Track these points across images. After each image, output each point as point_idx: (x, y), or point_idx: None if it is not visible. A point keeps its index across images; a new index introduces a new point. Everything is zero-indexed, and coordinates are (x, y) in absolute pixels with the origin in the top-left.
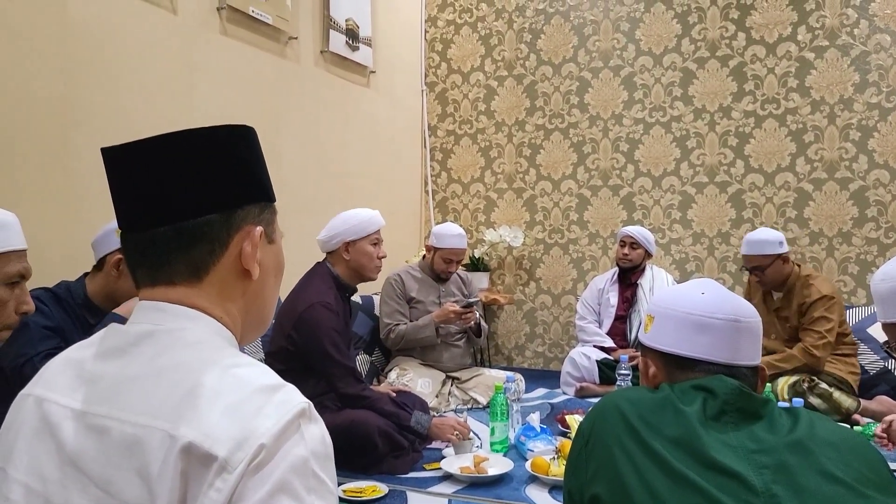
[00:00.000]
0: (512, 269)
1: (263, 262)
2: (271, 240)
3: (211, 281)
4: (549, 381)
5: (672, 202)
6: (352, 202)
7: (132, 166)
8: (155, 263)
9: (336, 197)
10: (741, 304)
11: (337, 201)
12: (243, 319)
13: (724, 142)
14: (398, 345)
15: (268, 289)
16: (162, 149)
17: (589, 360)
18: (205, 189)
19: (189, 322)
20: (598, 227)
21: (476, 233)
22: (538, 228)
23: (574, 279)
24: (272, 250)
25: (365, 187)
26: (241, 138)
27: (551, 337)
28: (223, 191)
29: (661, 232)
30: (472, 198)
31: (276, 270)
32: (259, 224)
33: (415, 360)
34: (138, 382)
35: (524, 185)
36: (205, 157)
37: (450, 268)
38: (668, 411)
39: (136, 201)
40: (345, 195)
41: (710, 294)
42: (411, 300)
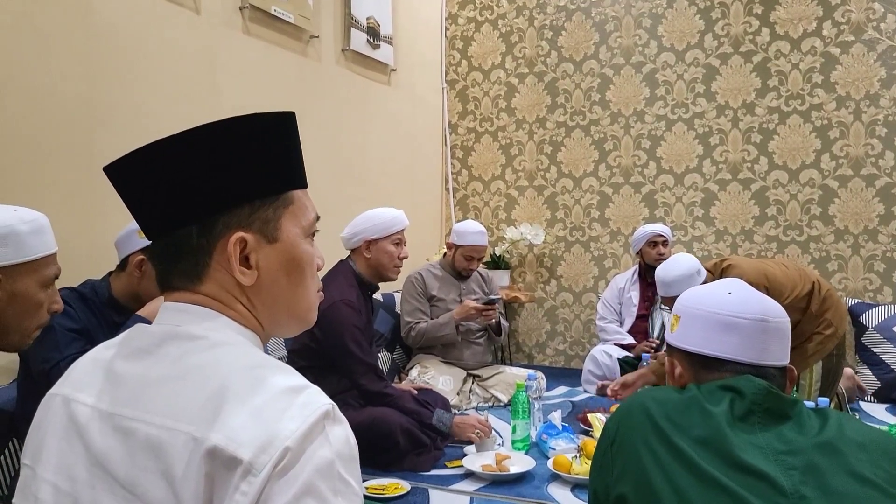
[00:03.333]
0: (533, 266)
1: (264, 263)
2: (272, 238)
3: (209, 287)
4: (571, 380)
5: (695, 199)
6: (373, 200)
7: (123, 181)
8: (161, 271)
9: (357, 195)
10: (769, 303)
11: (358, 199)
12: (267, 317)
13: (747, 138)
14: (419, 343)
15: (280, 288)
16: (142, 162)
17: (610, 359)
18: (179, 200)
19: (210, 322)
20: (620, 225)
21: (497, 230)
22: (559, 226)
23: (595, 277)
24: (276, 249)
25: (386, 185)
26: (223, 137)
27: (572, 335)
28: (198, 200)
29: (683, 229)
30: (493, 195)
31: (287, 268)
32: (249, 227)
33: (435, 357)
34: (163, 384)
35: (545, 183)
36: (177, 166)
37: (471, 265)
38: (695, 412)
39: (136, 213)
40: (366, 193)
41: (737, 293)
42: (432, 298)
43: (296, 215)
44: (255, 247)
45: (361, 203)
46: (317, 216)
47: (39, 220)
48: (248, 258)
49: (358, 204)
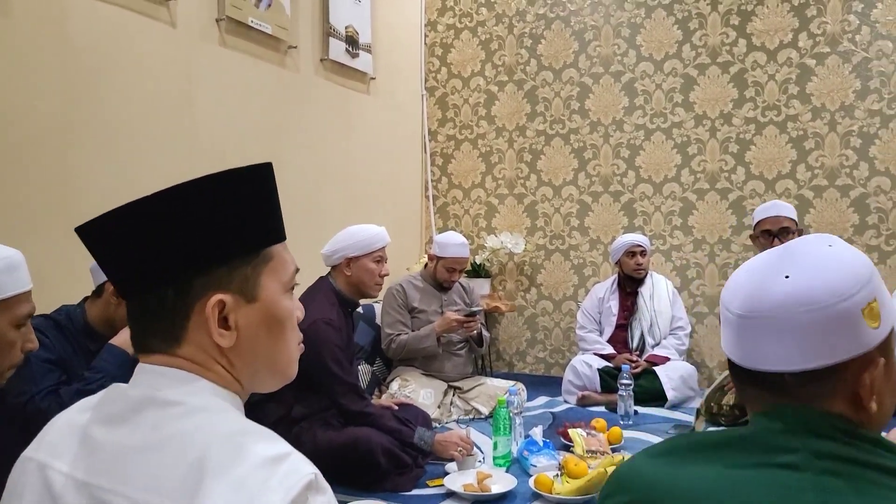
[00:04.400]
0: (513, 275)
1: (243, 323)
2: (252, 297)
3: (187, 350)
4: (551, 388)
5: (673, 208)
6: (353, 209)
7: (96, 242)
8: (136, 332)
9: (338, 205)
10: (769, 290)
11: (339, 209)
12: (247, 375)
13: (724, 148)
14: (400, 355)
15: (259, 346)
16: (115, 224)
17: (590, 369)
18: (154, 262)
19: (188, 386)
20: (599, 234)
21: (477, 239)
22: (539, 234)
23: (575, 285)
24: (256, 308)
25: (366, 194)
26: (198, 196)
27: (552, 343)
28: (173, 262)
29: (661, 238)
30: (473, 203)
31: (267, 326)
32: (227, 287)
33: (416, 370)
34: (141, 454)
35: (525, 191)
36: (151, 228)
37: (452, 276)
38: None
39: (110, 274)
40: (347, 203)
41: (738, 274)
42: (413, 310)
43: (275, 271)
44: (233, 307)
45: (342, 213)
46: (296, 269)
47: (13, 257)
48: (227, 319)
49: (338, 214)
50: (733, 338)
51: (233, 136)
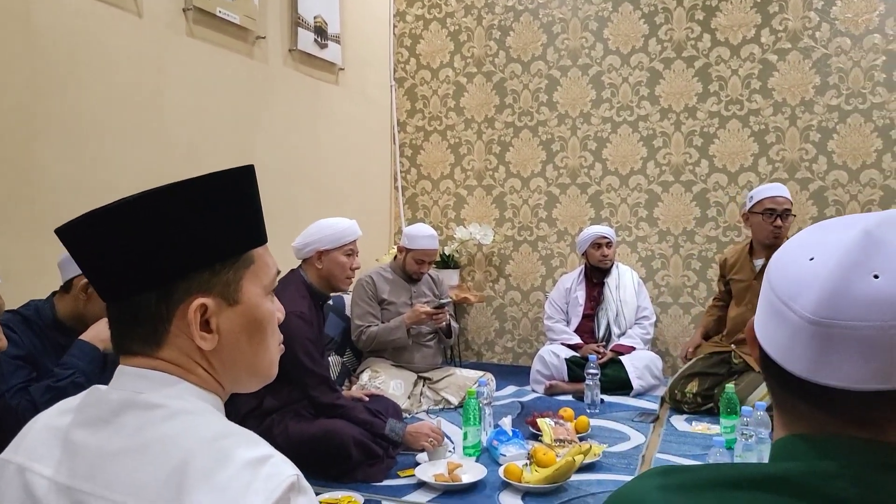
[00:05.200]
0: (482, 266)
1: (225, 327)
2: (233, 301)
3: (169, 353)
4: (520, 378)
5: (639, 200)
6: (323, 201)
7: (77, 245)
8: (118, 335)
9: (307, 197)
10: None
11: (308, 201)
12: (228, 378)
13: (689, 141)
14: (370, 346)
15: (241, 349)
16: (96, 227)
17: (558, 359)
18: (136, 266)
19: (170, 388)
20: (567, 225)
21: (446, 230)
22: (507, 226)
23: (543, 276)
24: (237, 311)
25: (336, 185)
26: (180, 200)
27: (520, 333)
28: (156, 265)
29: (627, 230)
30: (442, 195)
31: (249, 329)
32: (209, 291)
33: (386, 361)
34: (123, 458)
35: (494, 183)
36: (133, 232)
37: (422, 268)
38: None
39: (91, 277)
40: (316, 194)
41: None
42: (383, 301)
43: (257, 275)
44: (215, 311)
45: (312, 205)
46: (277, 271)
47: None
48: (209, 322)
49: (308, 206)
50: (793, 341)
51: (201, 128)
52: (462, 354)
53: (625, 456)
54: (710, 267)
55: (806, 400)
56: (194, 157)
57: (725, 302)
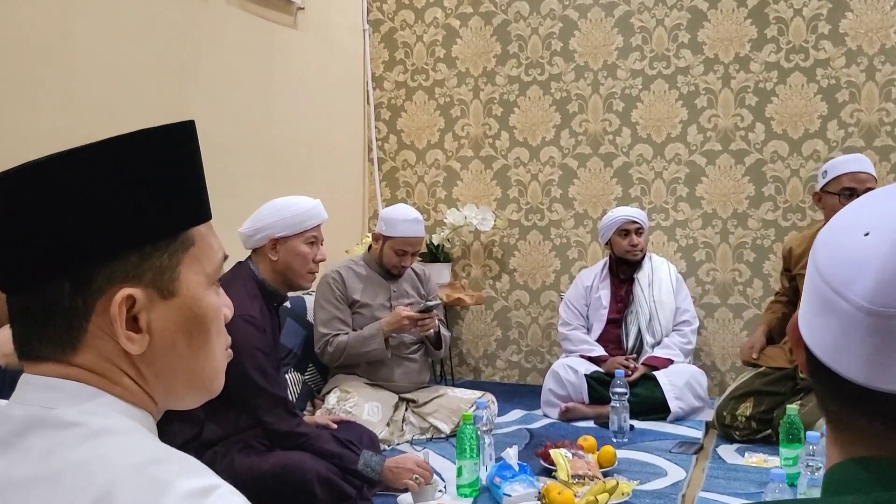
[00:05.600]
0: (479, 258)
1: (157, 325)
2: (168, 292)
3: (86, 358)
4: (528, 400)
5: (677, 175)
6: (278, 176)
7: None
8: (21, 335)
9: (258, 170)
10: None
11: (260, 176)
12: (161, 390)
13: (740, 101)
14: (338, 360)
15: (177, 354)
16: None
17: (576, 375)
18: (43, 247)
19: (89, 403)
20: (587, 206)
21: (434, 213)
22: (512, 207)
23: (557, 271)
24: (174, 306)
25: (294, 156)
26: (101, 164)
27: (529, 343)
28: (70, 246)
29: (663, 212)
30: (429, 168)
31: (187, 328)
32: (137, 280)
33: (360, 378)
34: (30, 488)
35: (494, 153)
36: (40, 204)
37: (403, 261)
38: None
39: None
40: (269, 167)
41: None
42: (354, 303)
43: (198, 260)
44: (145, 305)
45: (264, 180)
46: (224, 256)
47: None
48: (137, 319)
49: (259, 182)
50: (846, 338)
51: (120, 82)
52: (455, 370)
53: (661, 495)
54: (766, 258)
55: (865, 413)
56: (110, 119)
57: (790, 298)
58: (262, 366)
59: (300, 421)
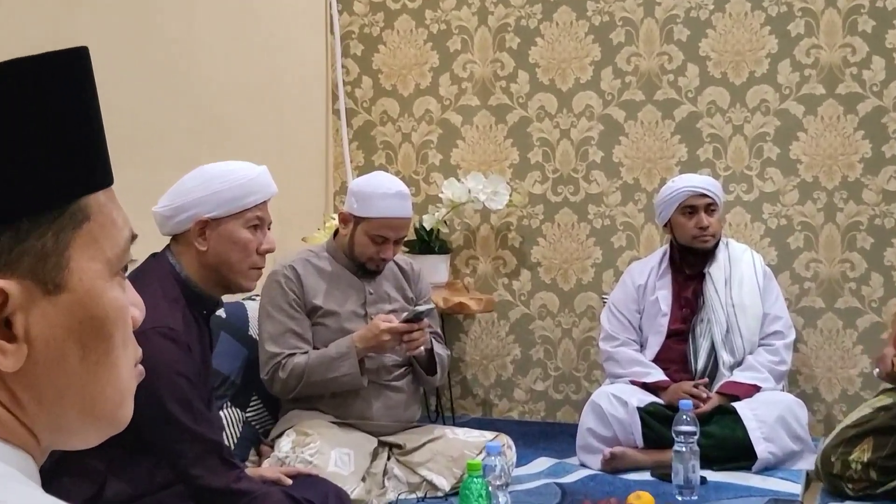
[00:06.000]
0: (489, 248)
1: (39, 331)
2: (53, 286)
3: None
4: (558, 444)
5: (764, 130)
6: (206, 134)
7: None
8: None
9: (177, 125)
10: None
11: (179, 133)
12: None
13: (851, 26)
14: (294, 390)
15: (66, 375)
16: None
17: (625, 409)
18: None
19: None
20: (639, 174)
21: (426, 186)
22: (534, 177)
23: (597, 264)
24: (63, 304)
25: (228, 106)
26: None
27: (559, 365)
28: None
29: (745, 182)
30: (419, 123)
31: (82, 335)
32: (10, 269)
33: (324, 416)
34: None
35: (509, 101)
36: None
37: (383, 252)
38: None
39: None
40: (193, 121)
41: None
42: (316, 311)
43: (95, 241)
44: (22, 304)
45: (186, 141)
46: (132, 235)
47: None
48: (11, 324)
49: (180, 142)
50: None
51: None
52: (457, 404)
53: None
54: (889, 244)
55: None
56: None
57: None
58: (187, 398)
59: (240, 474)
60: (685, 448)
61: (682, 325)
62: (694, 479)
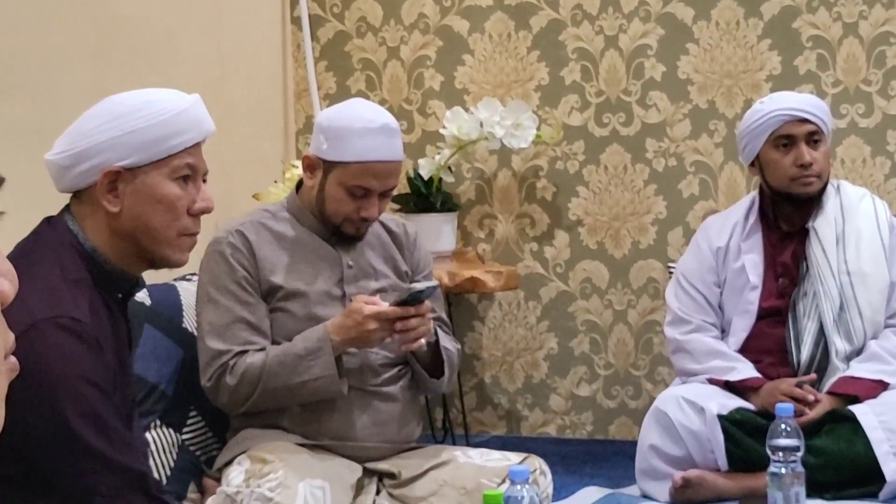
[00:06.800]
0: (511, 203)
1: None
2: None
3: None
4: (610, 468)
5: (886, 26)
6: (116, 52)
7: None
8: None
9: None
10: None
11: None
12: None
13: None
14: (247, 400)
15: None
16: None
17: (701, 418)
18: None
19: None
20: (714, 94)
21: (421, 118)
22: (570, 102)
23: (660, 220)
24: None
25: (148, 21)
26: None
27: (610, 361)
28: None
29: (862, 100)
30: (409, 32)
31: None
32: None
33: (288, 436)
34: None
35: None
36: None
37: (365, 210)
38: None
39: None
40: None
41: None
42: (275, 291)
43: None
44: None
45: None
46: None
47: None
48: None
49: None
50: None
51: None
52: (471, 417)
53: None
54: None
55: None
56: None
57: None
58: (97, 412)
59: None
60: (785, 469)
61: (778, 301)
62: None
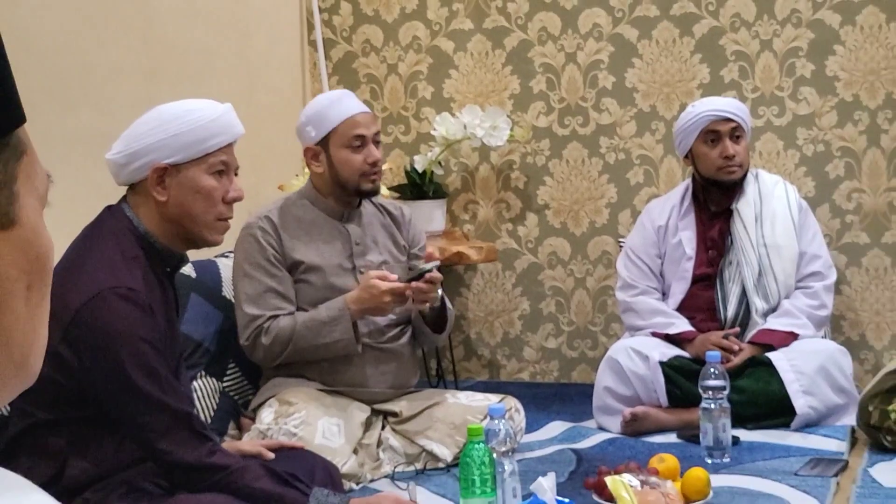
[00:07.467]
0: (490, 190)
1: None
2: (7, 220)
3: None
4: (573, 406)
5: (796, 44)
6: (163, 69)
7: None
8: None
9: (133, 61)
10: None
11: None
12: None
13: None
14: (279, 357)
15: (12, 316)
16: None
17: (646, 364)
18: None
19: None
20: (655, 100)
21: (416, 122)
22: (538, 108)
23: (612, 203)
24: (13, 240)
25: (190, 43)
26: None
27: (573, 319)
28: None
29: (776, 104)
30: (405, 52)
31: (29, 273)
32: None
33: (310, 383)
34: None
35: (506, 23)
36: None
37: (370, 156)
38: None
39: None
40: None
41: None
42: (297, 266)
43: (31, 177)
44: None
45: (141, 79)
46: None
47: None
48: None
49: (134, 81)
50: None
51: None
52: (460, 366)
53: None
54: None
55: None
56: None
57: None
58: (151, 365)
59: (214, 447)
60: (714, 405)
61: (708, 269)
62: (725, 440)
